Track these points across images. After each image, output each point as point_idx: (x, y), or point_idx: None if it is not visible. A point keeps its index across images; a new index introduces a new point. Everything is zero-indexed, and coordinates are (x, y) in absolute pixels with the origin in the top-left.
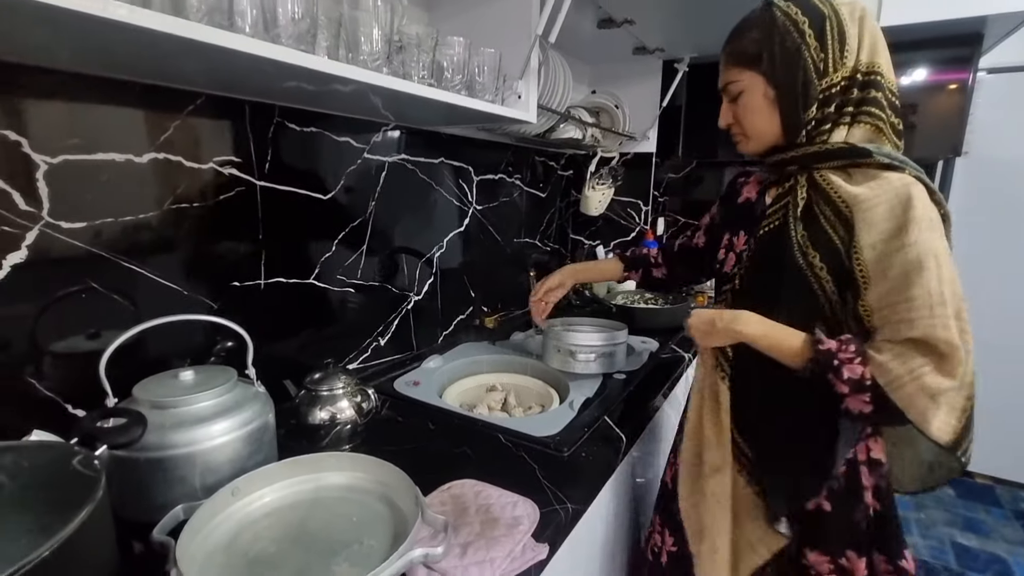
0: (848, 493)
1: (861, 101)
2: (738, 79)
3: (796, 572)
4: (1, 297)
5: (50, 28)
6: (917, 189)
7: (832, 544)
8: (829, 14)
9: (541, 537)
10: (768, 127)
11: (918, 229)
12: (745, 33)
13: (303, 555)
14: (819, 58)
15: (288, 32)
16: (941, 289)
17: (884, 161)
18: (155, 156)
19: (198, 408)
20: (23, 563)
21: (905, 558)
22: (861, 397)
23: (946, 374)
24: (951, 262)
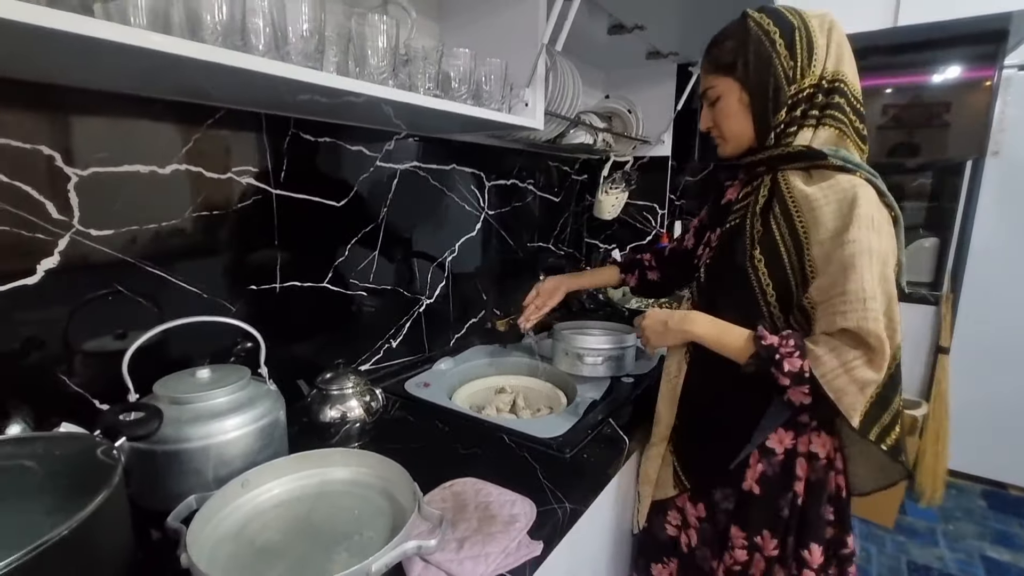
0: (779, 480)
1: (826, 106)
2: (715, 85)
3: (720, 544)
4: (35, 300)
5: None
6: (864, 190)
7: (752, 524)
8: (799, 25)
9: (537, 535)
10: (743, 130)
11: (858, 228)
12: (722, 42)
13: (306, 545)
14: (789, 66)
15: (298, 49)
16: (874, 286)
17: (838, 163)
18: (177, 167)
19: (213, 404)
20: (43, 540)
21: (810, 550)
22: (801, 389)
23: (875, 368)
24: (890, 261)
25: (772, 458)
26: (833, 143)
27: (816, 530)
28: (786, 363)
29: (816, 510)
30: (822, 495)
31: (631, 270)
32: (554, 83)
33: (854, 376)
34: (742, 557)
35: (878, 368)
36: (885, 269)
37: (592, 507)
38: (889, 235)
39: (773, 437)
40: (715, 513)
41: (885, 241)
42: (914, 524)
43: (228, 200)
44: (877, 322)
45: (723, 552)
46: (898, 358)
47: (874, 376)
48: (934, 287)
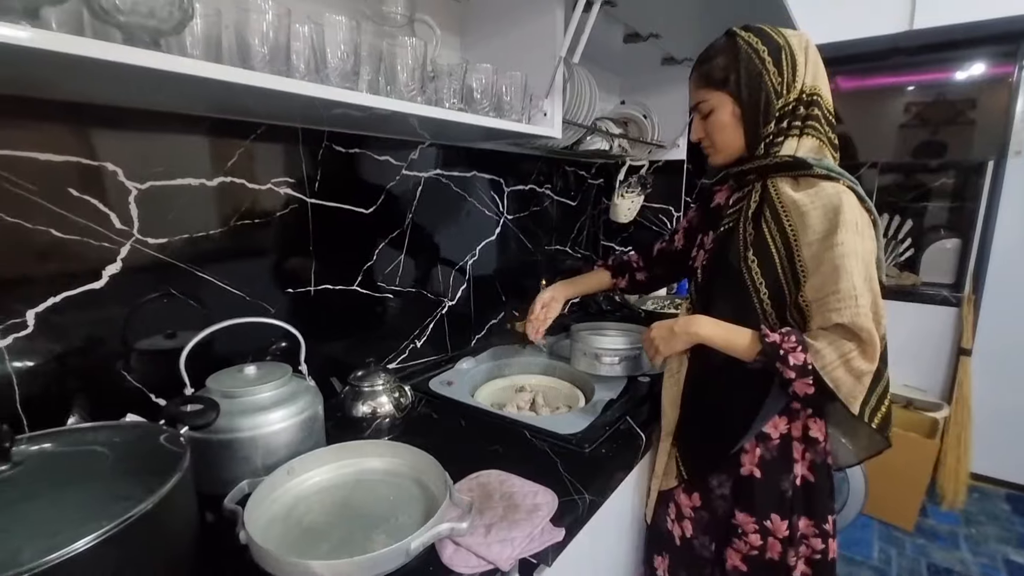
0: (778, 464)
1: (806, 117)
2: (708, 99)
3: (726, 530)
4: (100, 302)
5: (153, 83)
6: (847, 197)
7: (758, 507)
8: (783, 45)
9: (559, 523)
10: (734, 141)
11: (844, 231)
12: (712, 59)
13: (347, 526)
14: (776, 81)
15: (336, 70)
16: (861, 284)
17: (822, 172)
18: (223, 180)
19: (260, 398)
20: (132, 513)
21: (828, 522)
22: (805, 380)
23: (868, 359)
24: (872, 262)
25: (768, 442)
26: (815, 150)
27: (826, 506)
28: (791, 357)
29: (824, 488)
30: (827, 472)
31: (621, 272)
32: (571, 92)
33: (851, 367)
34: (756, 542)
35: (871, 359)
36: (869, 269)
37: (611, 499)
38: (870, 237)
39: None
40: (711, 500)
41: (867, 243)
42: (935, 527)
43: (268, 209)
44: (867, 317)
45: (730, 539)
46: (884, 345)
47: (868, 366)
48: (956, 288)
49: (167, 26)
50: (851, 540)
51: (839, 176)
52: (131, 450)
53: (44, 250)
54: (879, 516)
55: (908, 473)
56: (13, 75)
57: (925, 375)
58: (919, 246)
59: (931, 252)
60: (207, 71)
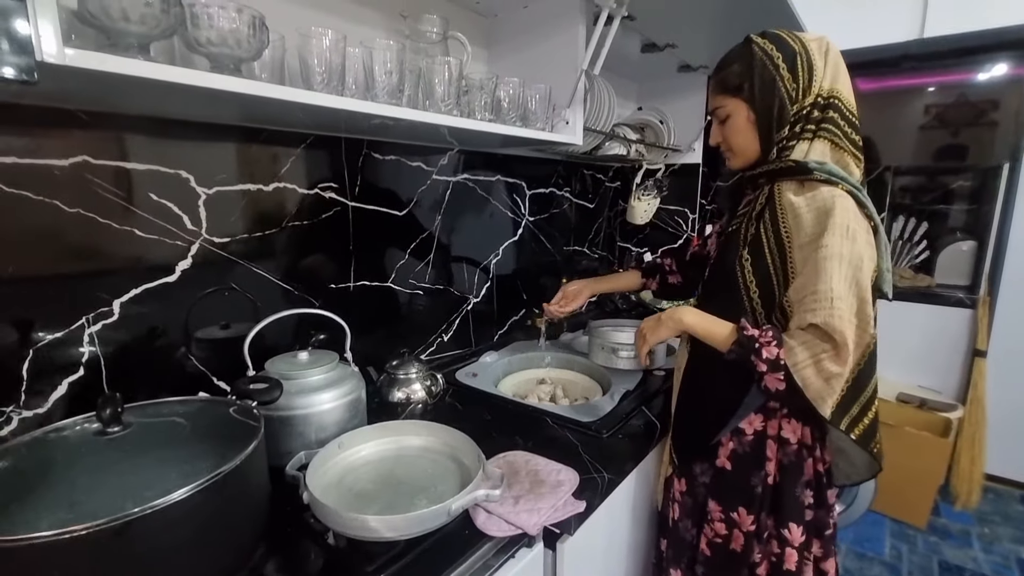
0: (750, 459)
1: (821, 120)
2: (725, 104)
3: (700, 516)
4: (174, 294)
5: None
6: (843, 201)
7: (726, 498)
8: (800, 51)
9: (580, 496)
10: (750, 145)
11: (831, 234)
12: (729, 65)
13: (392, 493)
14: (791, 87)
15: (383, 88)
16: (842, 288)
17: (822, 177)
18: (277, 185)
19: (312, 380)
20: (222, 469)
21: (789, 529)
22: (776, 375)
23: (840, 362)
24: (864, 267)
25: (742, 437)
26: (827, 153)
27: (794, 511)
28: (764, 351)
29: (791, 492)
30: (797, 478)
31: (652, 275)
32: (592, 101)
33: (821, 367)
34: (721, 530)
35: (842, 363)
36: (858, 274)
37: (627, 481)
38: (866, 243)
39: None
40: (695, 487)
41: (858, 248)
42: (948, 526)
43: (314, 211)
44: (842, 320)
45: (703, 524)
46: (869, 352)
47: (838, 370)
48: (971, 290)
49: (248, 54)
50: (862, 536)
51: (839, 180)
52: (205, 420)
53: (129, 248)
54: (891, 513)
55: (921, 471)
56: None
57: (940, 376)
58: (935, 248)
59: (947, 254)
60: (281, 94)
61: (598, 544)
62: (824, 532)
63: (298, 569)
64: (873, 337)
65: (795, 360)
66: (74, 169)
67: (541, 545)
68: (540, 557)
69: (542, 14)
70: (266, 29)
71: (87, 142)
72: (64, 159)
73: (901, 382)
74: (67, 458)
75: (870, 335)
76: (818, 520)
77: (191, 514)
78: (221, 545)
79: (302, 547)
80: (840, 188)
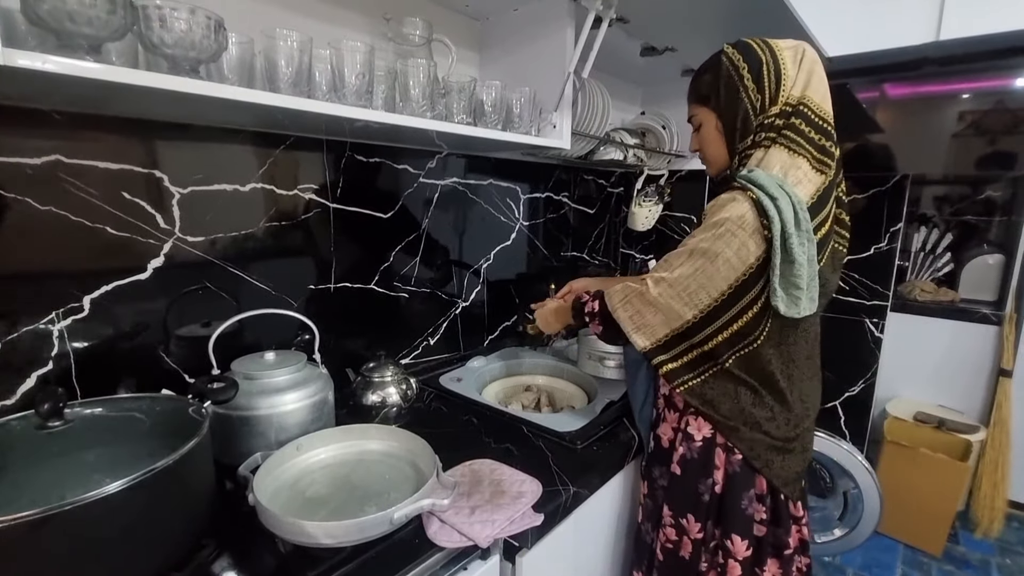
0: (698, 465)
1: (783, 127)
2: (697, 113)
3: (657, 519)
4: (145, 292)
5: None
6: (736, 204)
7: (677, 504)
8: (767, 60)
9: (540, 509)
10: (720, 154)
11: (703, 228)
12: (702, 75)
13: (345, 498)
14: (755, 98)
15: (352, 90)
16: (685, 268)
17: (739, 184)
18: (255, 185)
19: (276, 381)
20: (154, 466)
21: (732, 541)
22: (595, 323)
23: (643, 301)
24: (716, 261)
25: (691, 443)
26: (784, 159)
27: (737, 523)
28: (587, 306)
29: (737, 503)
30: (744, 490)
31: None
32: (583, 105)
33: (628, 304)
34: (672, 536)
35: (646, 303)
36: (706, 264)
37: (602, 491)
38: (741, 244)
39: (693, 424)
40: (654, 490)
41: (722, 245)
42: (967, 555)
43: (294, 212)
44: (659, 281)
45: (658, 528)
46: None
47: (639, 306)
48: (998, 306)
49: (206, 55)
50: (872, 561)
51: (749, 187)
52: (165, 418)
53: (100, 245)
54: (904, 539)
55: (936, 495)
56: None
57: (962, 396)
58: (959, 261)
59: (971, 267)
60: (235, 94)
61: (565, 557)
62: (783, 551)
63: (246, 569)
64: (688, 321)
65: (611, 298)
66: (47, 167)
67: (497, 557)
68: (496, 570)
69: (531, 17)
70: (224, 31)
71: (60, 142)
72: (36, 158)
73: (921, 400)
74: (6, 449)
75: (691, 316)
76: (775, 538)
77: (120, 510)
78: (154, 542)
79: (252, 548)
80: (746, 194)
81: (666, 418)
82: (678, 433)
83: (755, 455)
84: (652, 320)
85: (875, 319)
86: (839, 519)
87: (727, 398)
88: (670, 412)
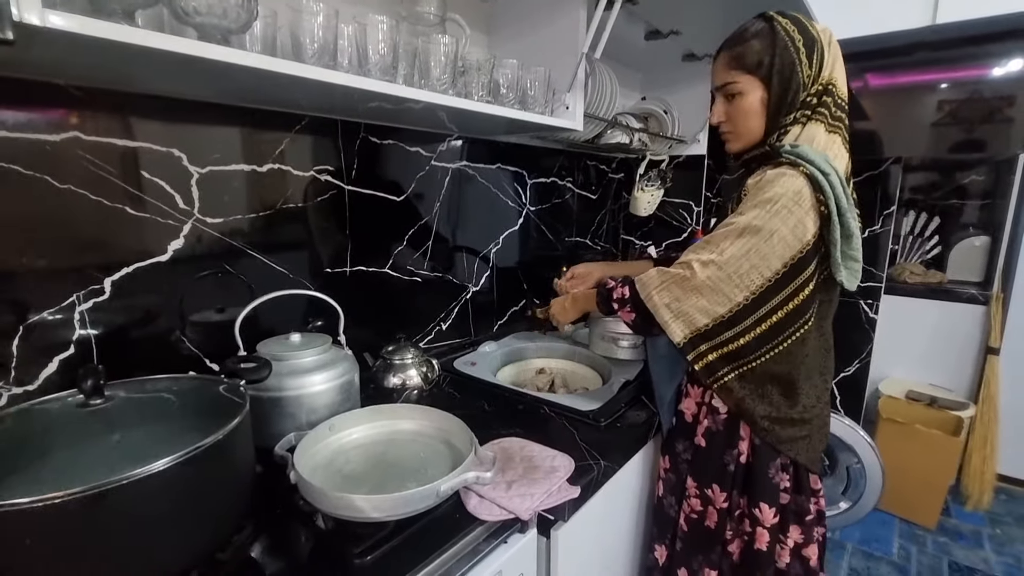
0: (723, 437)
1: (817, 105)
2: (738, 80)
3: (681, 492)
4: (163, 274)
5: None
6: (788, 180)
7: (702, 475)
8: (818, 39)
9: (575, 482)
10: (756, 128)
11: (753, 205)
12: (747, 41)
13: (383, 476)
14: (807, 74)
15: (376, 65)
16: (733, 249)
17: (787, 160)
18: (272, 166)
19: (304, 362)
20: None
21: (760, 509)
22: (625, 309)
23: (686, 288)
24: (772, 239)
25: (716, 416)
26: (821, 135)
27: (765, 492)
28: (615, 292)
29: (764, 472)
30: (767, 460)
31: (665, 265)
32: (593, 87)
33: (664, 291)
34: (697, 506)
35: (690, 290)
36: (761, 244)
37: (626, 468)
38: (798, 222)
39: (718, 397)
40: (677, 464)
41: (778, 222)
42: (959, 526)
43: (309, 194)
44: (707, 264)
45: (682, 500)
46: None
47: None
48: (984, 287)
49: (236, 25)
50: (870, 536)
51: (803, 163)
52: (194, 398)
53: (120, 225)
54: (900, 513)
55: (930, 471)
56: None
57: (951, 374)
58: (947, 244)
59: (959, 250)
60: (265, 64)
61: (594, 531)
62: (805, 518)
63: (285, 549)
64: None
65: (645, 284)
66: (65, 145)
67: (534, 531)
68: (533, 543)
69: None
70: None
71: (79, 118)
72: (56, 135)
73: (911, 379)
74: (47, 429)
75: (743, 298)
76: (797, 505)
77: (169, 486)
78: (201, 520)
79: (290, 528)
80: (799, 170)
81: (689, 393)
82: (702, 407)
83: (786, 447)
84: (693, 307)
85: (869, 300)
86: (842, 493)
87: (759, 399)
88: (693, 387)
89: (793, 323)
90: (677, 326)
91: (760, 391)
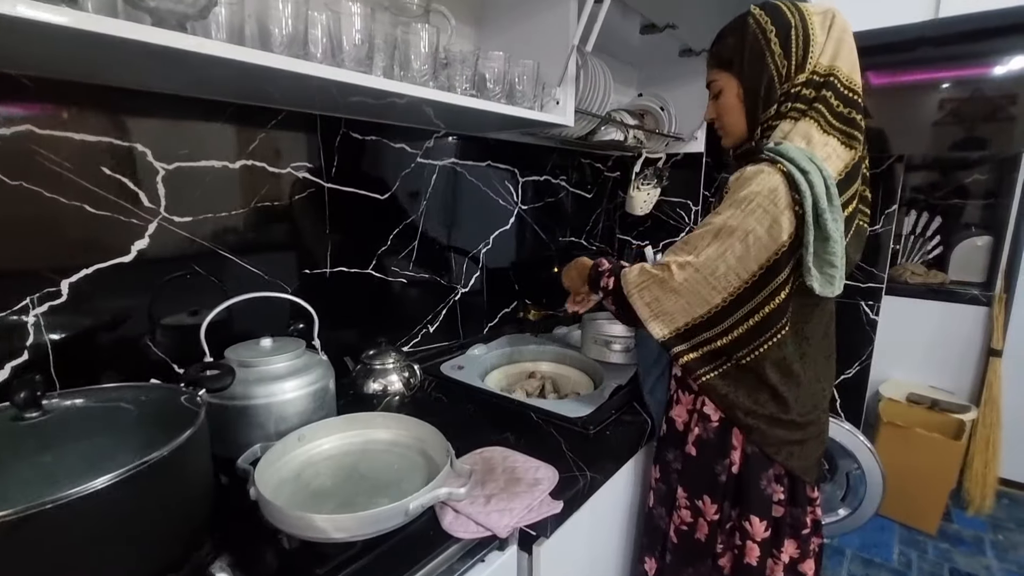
0: (713, 446)
1: (813, 99)
2: (717, 79)
3: (671, 502)
4: (128, 276)
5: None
6: (764, 177)
7: (691, 485)
8: (796, 24)
9: (558, 496)
10: (738, 123)
11: (728, 204)
12: (724, 37)
13: (353, 490)
14: (782, 64)
15: (351, 56)
16: (710, 250)
17: (767, 157)
18: (245, 163)
19: (274, 368)
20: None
21: (750, 522)
22: (608, 300)
23: (664, 288)
24: (747, 239)
25: (707, 424)
26: (812, 134)
27: (755, 504)
28: (601, 280)
29: (756, 484)
30: (759, 471)
31: None
32: (585, 81)
33: (644, 292)
34: (687, 518)
35: (667, 290)
36: (735, 244)
37: (615, 478)
38: (773, 221)
39: (709, 404)
40: (668, 473)
41: (752, 222)
42: (960, 532)
43: (286, 192)
44: (684, 266)
45: (672, 511)
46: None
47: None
48: (986, 287)
49: (193, 11)
50: (869, 542)
51: (779, 160)
52: (154, 408)
53: (78, 224)
54: (900, 519)
55: (931, 475)
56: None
57: (953, 376)
58: (948, 244)
59: (961, 250)
60: (225, 52)
61: (580, 545)
62: (801, 531)
63: (246, 567)
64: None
65: (627, 281)
66: (17, 139)
67: (515, 547)
68: (513, 560)
69: None
70: None
71: (32, 111)
72: (6, 128)
73: (912, 382)
74: None
75: (720, 300)
76: (793, 518)
77: (110, 508)
78: (148, 540)
79: (254, 545)
80: (776, 167)
81: (680, 400)
82: (693, 414)
83: (775, 450)
84: (672, 308)
85: (870, 301)
86: (841, 500)
87: (745, 396)
88: (684, 394)
89: (774, 325)
90: (657, 325)
91: (745, 389)
